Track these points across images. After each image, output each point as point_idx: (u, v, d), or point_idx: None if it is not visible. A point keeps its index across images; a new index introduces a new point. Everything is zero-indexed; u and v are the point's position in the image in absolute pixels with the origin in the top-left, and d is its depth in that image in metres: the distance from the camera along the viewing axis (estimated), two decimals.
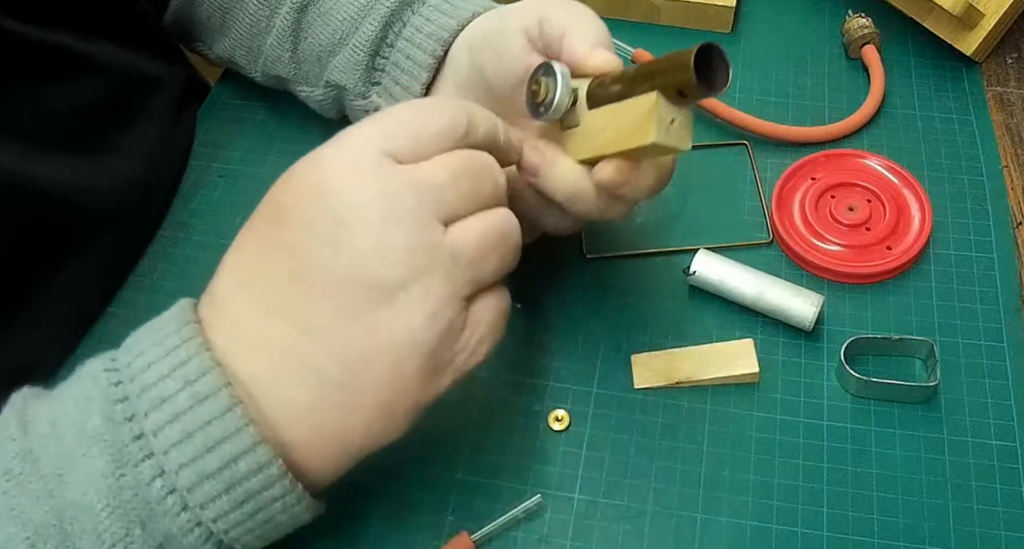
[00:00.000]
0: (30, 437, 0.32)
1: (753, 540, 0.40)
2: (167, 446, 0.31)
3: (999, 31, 0.57)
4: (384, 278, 0.32)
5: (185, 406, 0.31)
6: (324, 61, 0.51)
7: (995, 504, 0.41)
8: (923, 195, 0.51)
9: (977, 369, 0.45)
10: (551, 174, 0.39)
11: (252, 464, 0.31)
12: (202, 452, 0.31)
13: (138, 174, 0.52)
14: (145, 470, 0.31)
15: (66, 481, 0.31)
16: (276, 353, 0.33)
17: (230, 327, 0.34)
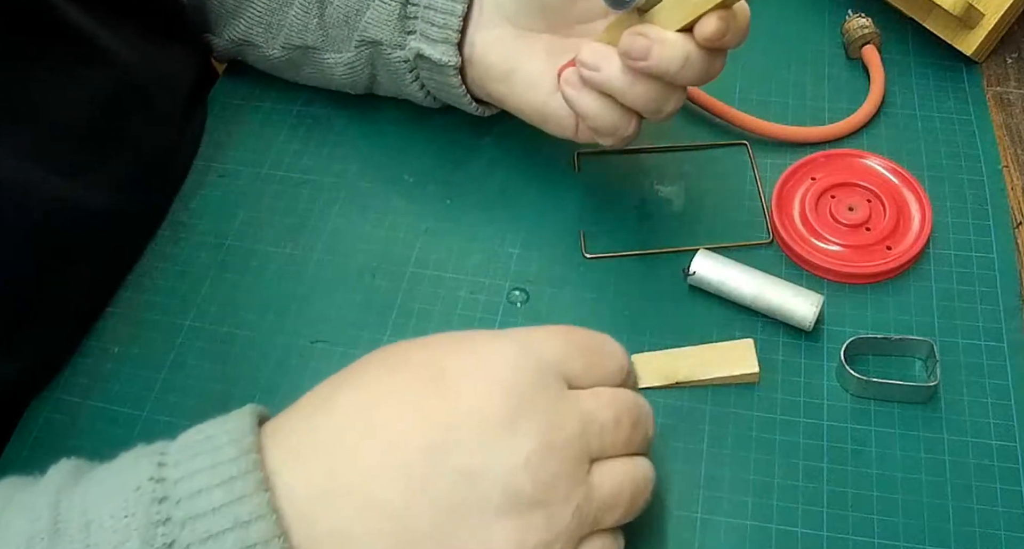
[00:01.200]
0: (61, 540, 0.30)
1: (753, 540, 0.40)
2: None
3: (999, 31, 0.57)
4: (524, 493, 0.31)
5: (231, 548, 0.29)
6: (352, 21, 0.51)
7: (995, 504, 0.41)
8: (923, 195, 0.51)
9: (977, 369, 0.45)
10: (662, 51, 0.40)
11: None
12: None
13: (146, 166, 0.52)
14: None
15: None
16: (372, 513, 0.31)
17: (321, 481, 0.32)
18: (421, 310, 0.49)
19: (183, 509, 0.30)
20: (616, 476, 0.33)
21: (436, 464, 0.31)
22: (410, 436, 0.32)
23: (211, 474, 0.30)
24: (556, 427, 0.32)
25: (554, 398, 0.33)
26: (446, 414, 0.32)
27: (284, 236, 0.53)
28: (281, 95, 0.59)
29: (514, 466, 0.31)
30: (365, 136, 0.57)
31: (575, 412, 0.33)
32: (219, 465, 0.31)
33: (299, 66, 0.56)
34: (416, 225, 0.52)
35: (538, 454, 0.31)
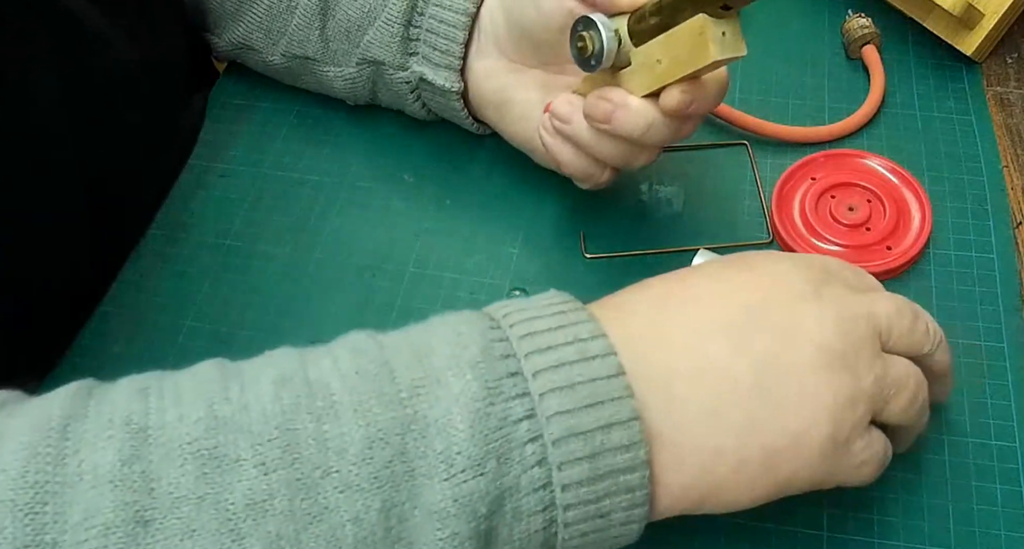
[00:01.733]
0: (386, 352, 0.31)
1: (753, 540, 0.40)
2: (544, 389, 0.30)
3: (999, 31, 0.57)
4: (835, 349, 0.33)
5: (571, 357, 0.30)
6: (354, 37, 0.51)
7: (995, 504, 0.41)
8: (923, 195, 0.51)
9: (977, 369, 0.45)
10: (624, 116, 0.41)
11: (624, 438, 0.30)
12: (580, 406, 0.29)
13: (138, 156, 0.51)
14: (515, 407, 0.29)
15: (423, 396, 0.29)
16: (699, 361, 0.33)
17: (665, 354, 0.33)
18: (421, 310, 0.49)
19: (519, 329, 0.31)
20: (902, 364, 0.35)
21: (756, 320, 0.33)
22: (730, 299, 0.34)
23: (539, 309, 0.32)
24: (853, 303, 0.34)
25: (845, 289, 0.35)
26: (759, 284, 0.35)
27: (284, 236, 0.53)
28: (281, 95, 0.59)
29: (824, 324, 0.33)
30: (365, 136, 0.57)
31: (865, 300, 0.35)
32: (547, 307, 0.32)
33: (298, 75, 0.56)
34: (416, 225, 0.52)
35: (844, 321, 0.34)
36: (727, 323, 0.33)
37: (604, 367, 0.30)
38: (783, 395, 0.32)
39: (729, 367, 0.32)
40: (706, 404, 0.32)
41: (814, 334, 0.33)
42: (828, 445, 0.32)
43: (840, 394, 0.32)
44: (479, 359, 0.30)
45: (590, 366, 0.30)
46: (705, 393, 0.32)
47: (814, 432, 0.32)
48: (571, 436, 0.29)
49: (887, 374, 0.34)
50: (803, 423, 0.32)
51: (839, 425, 0.32)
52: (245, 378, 0.30)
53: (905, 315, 0.36)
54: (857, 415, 0.33)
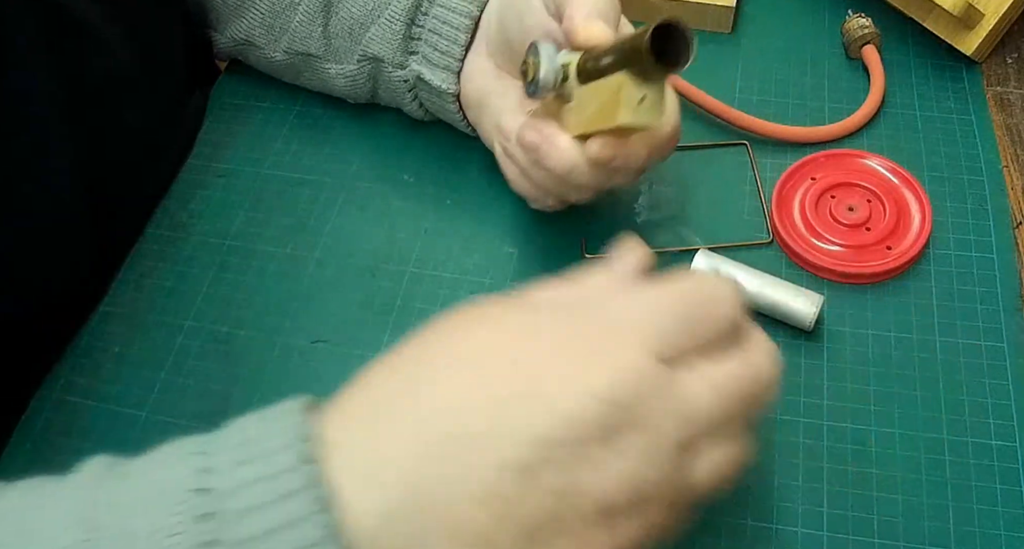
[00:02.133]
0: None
1: (753, 540, 0.40)
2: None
3: (999, 31, 0.57)
4: (619, 507, 0.28)
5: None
6: (357, 35, 0.51)
7: (995, 504, 0.41)
8: (923, 195, 0.51)
9: (977, 369, 0.45)
10: (549, 151, 0.40)
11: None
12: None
13: (137, 159, 0.51)
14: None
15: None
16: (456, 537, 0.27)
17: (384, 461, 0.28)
18: (421, 310, 0.49)
19: (234, 532, 0.26)
20: (716, 467, 0.30)
21: (526, 486, 0.27)
22: (497, 454, 0.27)
23: (266, 489, 0.27)
24: (657, 434, 0.28)
25: (656, 399, 0.29)
26: (539, 428, 0.28)
27: (284, 236, 0.53)
28: (281, 95, 0.59)
29: (611, 482, 0.28)
30: (365, 136, 0.57)
31: (678, 412, 0.29)
32: (276, 477, 0.27)
33: (300, 72, 0.56)
34: (416, 225, 0.52)
35: (638, 471, 0.28)
36: (492, 489, 0.27)
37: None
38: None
39: (493, 539, 0.27)
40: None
41: (596, 497, 0.28)
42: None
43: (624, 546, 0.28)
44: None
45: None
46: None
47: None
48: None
49: (688, 491, 0.30)
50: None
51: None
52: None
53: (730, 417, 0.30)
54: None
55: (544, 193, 0.45)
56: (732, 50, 0.61)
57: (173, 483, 0.27)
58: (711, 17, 0.62)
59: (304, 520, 0.26)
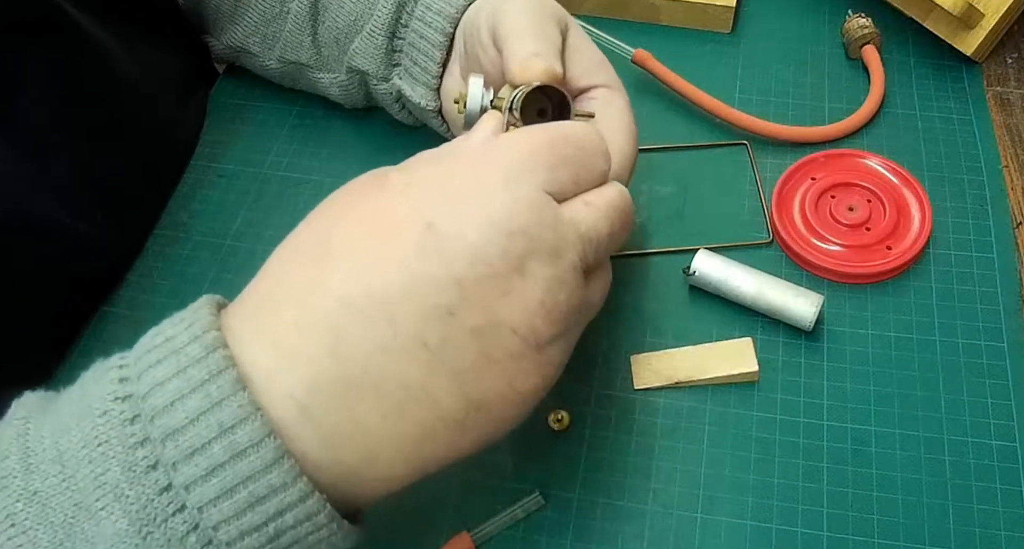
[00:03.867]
0: (34, 475, 0.28)
1: (753, 540, 0.40)
2: (202, 502, 0.27)
3: (999, 31, 0.57)
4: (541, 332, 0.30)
5: (222, 458, 0.27)
6: (343, 44, 0.51)
7: (995, 504, 0.41)
8: (923, 195, 0.51)
9: (977, 369, 0.45)
10: None
11: (300, 515, 0.28)
12: (244, 507, 0.27)
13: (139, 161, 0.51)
14: (177, 525, 0.27)
15: (82, 536, 0.27)
16: (380, 391, 0.28)
17: (293, 352, 0.29)
18: None
19: (159, 425, 0.27)
20: (604, 285, 0.34)
21: (450, 329, 0.28)
22: (418, 305, 0.28)
23: (180, 380, 0.28)
24: (560, 257, 0.30)
25: (551, 226, 0.30)
26: (452, 269, 0.28)
27: (284, 236, 0.52)
28: (281, 95, 0.59)
29: (530, 311, 0.29)
30: (365, 137, 0.57)
31: (574, 237, 0.31)
32: (186, 369, 0.28)
33: (296, 79, 0.57)
34: None
35: (549, 295, 0.30)
36: (415, 342, 0.28)
37: (260, 460, 0.27)
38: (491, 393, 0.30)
39: (428, 391, 0.29)
40: (409, 436, 0.29)
41: (519, 328, 0.29)
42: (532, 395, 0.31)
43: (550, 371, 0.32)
44: (123, 484, 0.27)
45: (243, 462, 0.27)
46: (406, 428, 0.29)
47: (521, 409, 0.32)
48: (245, 534, 0.28)
49: (590, 303, 0.33)
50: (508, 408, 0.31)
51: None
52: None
53: (617, 234, 0.33)
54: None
55: None
56: (732, 50, 0.61)
57: (96, 397, 0.28)
58: (711, 17, 0.62)
59: (223, 402, 0.27)
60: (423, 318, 0.28)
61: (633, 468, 0.42)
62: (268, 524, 0.28)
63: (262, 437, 0.27)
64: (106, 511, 0.27)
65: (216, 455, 0.27)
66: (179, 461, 0.27)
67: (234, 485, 0.27)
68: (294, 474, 0.28)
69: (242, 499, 0.27)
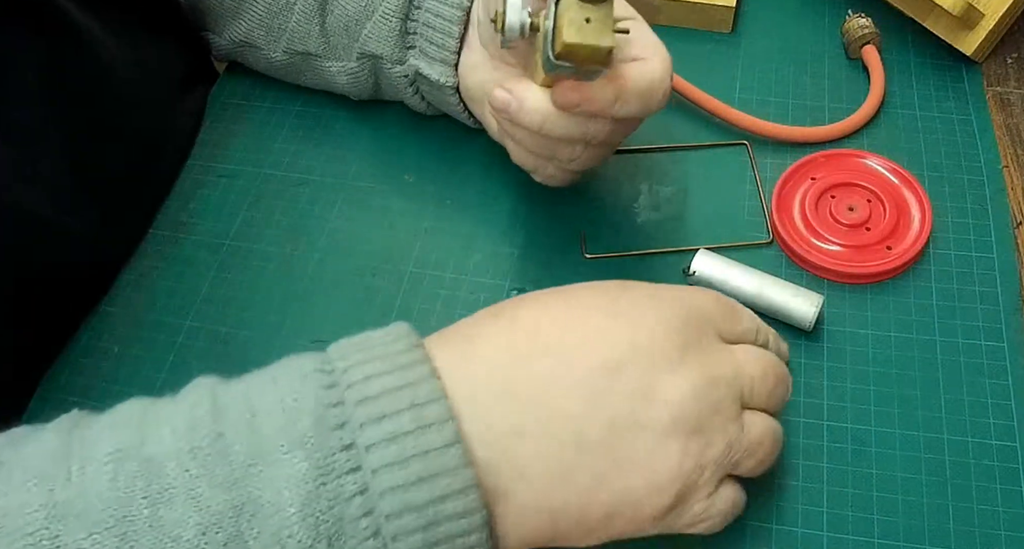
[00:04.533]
0: (223, 421, 0.30)
1: (753, 540, 0.40)
2: (378, 465, 0.29)
3: (999, 31, 0.57)
4: (690, 419, 0.33)
5: (408, 428, 0.29)
6: (353, 31, 0.51)
7: (995, 504, 0.41)
8: (923, 195, 0.51)
9: (977, 369, 0.45)
10: (519, 107, 0.41)
11: (460, 507, 0.29)
12: (414, 480, 0.29)
13: (135, 159, 0.51)
14: (348, 484, 0.29)
15: (258, 475, 0.29)
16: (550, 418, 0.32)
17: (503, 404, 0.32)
18: (421, 310, 0.49)
19: (355, 392, 0.30)
20: (761, 424, 0.35)
21: (613, 382, 0.32)
22: (588, 354, 0.33)
23: (381, 364, 0.31)
24: (717, 365, 0.34)
25: (712, 343, 0.35)
26: (621, 339, 0.33)
27: (284, 236, 0.53)
28: (281, 95, 0.59)
29: (683, 393, 0.33)
30: (365, 136, 0.57)
31: (730, 358, 0.35)
32: (388, 356, 0.31)
33: (301, 71, 0.56)
34: (416, 225, 0.52)
35: (703, 386, 0.33)
36: (581, 382, 0.32)
37: (440, 437, 0.30)
38: (630, 458, 0.32)
39: (580, 429, 0.32)
40: (552, 465, 0.32)
41: (671, 399, 0.33)
42: (665, 511, 0.33)
43: (687, 461, 0.33)
44: (311, 434, 0.29)
45: (425, 436, 0.29)
46: (552, 453, 0.32)
47: (655, 499, 0.32)
48: (405, 511, 0.29)
49: (742, 438, 0.34)
50: (645, 489, 0.32)
51: (681, 492, 0.33)
52: (85, 452, 0.30)
53: (768, 376, 0.36)
54: (703, 479, 0.33)
55: (540, 159, 0.45)
56: (732, 50, 0.61)
57: (296, 369, 0.32)
58: (711, 17, 0.62)
59: (418, 382, 0.30)
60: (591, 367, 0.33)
61: None
62: (429, 507, 0.29)
63: (447, 418, 0.30)
64: (289, 455, 0.29)
65: (403, 424, 0.29)
66: (367, 423, 0.29)
67: (411, 456, 0.29)
68: (465, 460, 0.30)
69: (414, 471, 0.29)
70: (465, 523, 0.30)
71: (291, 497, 0.28)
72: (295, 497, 0.28)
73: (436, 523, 0.29)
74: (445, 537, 0.30)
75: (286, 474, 0.29)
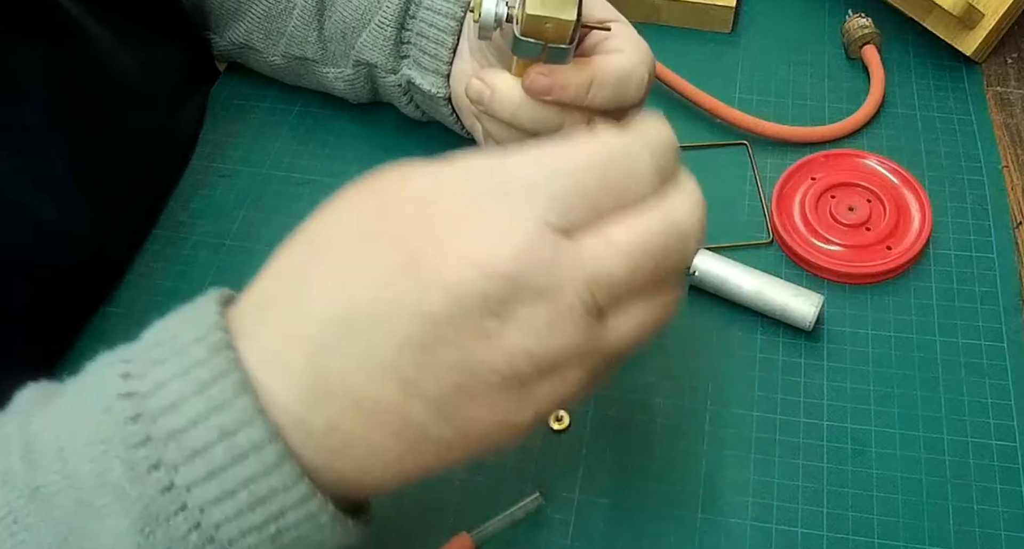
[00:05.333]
0: (37, 472, 0.28)
1: (753, 540, 0.40)
2: (203, 502, 0.27)
3: (999, 31, 0.57)
4: (527, 373, 0.28)
5: (223, 462, 0.27)
6: (350, 39, 0.51)
7: (995, 504, 0.41)
8: (923, 195, 0.51)
9: (977, 369, 0.45)
10: (492, 96, 0.41)
11: (302, 514, 0.28)
12: (244, 509, 0.27)
13: (137, 159, 0.51)
14: (178, 524, 0.27)
15: (84, 533, 0.27)
16: (371, 410, 0.28)
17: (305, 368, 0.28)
18: None
19: (161, 426, 0.27)
20: (637, 325, 0.29)
21: (424, 363, 0.27)
22: (391, 332, 0.27)
23: (184, 382, 0.27)
24: (556, 303, 0.27)
25: (546, 267, 0.27)
26: (425, 304, 0.27)
27: (284, 236, 0.52)
28: (281, 95, 0.59)
29: (512, 354, 0.27)
30: (365, 136, 0.57)
31: (579, 279, 0.27)
32: (191, 370, 0.28)
33: (300, 75, 0.56)
34: None
35: (537, 340, 0.27)
36: (392, 367, 0.27)
37: (261, 464, 0.27)
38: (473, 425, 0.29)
39: (405, 413, 0.28)
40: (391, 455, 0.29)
41: (500, 366, 0.27)
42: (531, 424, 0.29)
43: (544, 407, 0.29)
44: (125, 483, 0.27)
45: (244, 466, 0.27)
46: (385, 446, 0.29)
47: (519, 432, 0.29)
48: (247, 533, 0.28)
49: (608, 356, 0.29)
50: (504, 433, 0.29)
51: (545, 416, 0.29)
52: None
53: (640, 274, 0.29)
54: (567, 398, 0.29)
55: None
56: (732, 50, 0.61)
57: (99, 394, 0.28)
58: (711, 17, 0.62)
59: (225, 405, 0.27)
60: (396, 346, 0.27)
61: (633, 468, 0.42)
62: (270, 524, 0.28)
63: (263, 441, 0.27)
64: (108, 510, 0.27)
65: (217, 458, 0.27)
66: (180, 463, 0.27)
67: (235, 487, 0.27)
68: (295, 477, 0.28)
69: (243, 500, 0.27)
70: (312, 525, 0.28)
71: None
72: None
73: (282, 532, 0.28)
74: (296, 538, 0.29)
75: (111, 532, 0.27)
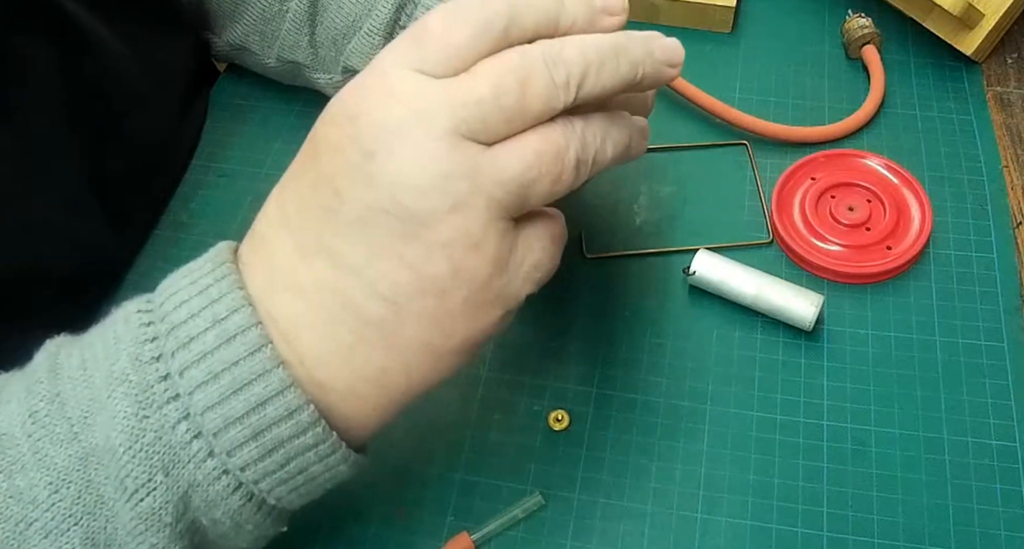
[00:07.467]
0: (59, 380, 0.31)
1: (753, 540, 0.40)
2: (192, 387, 0.29)
3: (999, 31, 0.57)
4: (419, 209, 0.28)
5: (212, 345, 0.29)
6: (340, 45, 0.51)
7: (995, 504, 0.41)
8: (923, 195, 0.51)
9: (977, 369, 0.45)
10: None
11: (281, 409, 0.30)
12: (227, 394, 0.29)
13: (138, 160, 0.51)
14: (170, 412, 0.29)
15: (91, 424, 0.30)
16: (312, 292, 0.30)
17: (268, 267, 0.31)
18: None
19: (167, 322, 0.30)
20: (522, 149, 0.30)
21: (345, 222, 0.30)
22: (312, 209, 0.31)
23: (190, 288, 0.31)
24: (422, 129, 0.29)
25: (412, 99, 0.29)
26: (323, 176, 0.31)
27: None
28: (281, 95, 0.59)
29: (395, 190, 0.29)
30: None
31: (437, 103, 0.29)
32: (197, 280, 0.31)
33: (295, 77, 0.57)
34: None
35: (412, 165, 0.29)
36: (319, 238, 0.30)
37: (244, 346, 0.29)
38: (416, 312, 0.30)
39: (336, 287, 0.30)
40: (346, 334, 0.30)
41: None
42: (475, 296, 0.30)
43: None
44: (128, 372, 0.30)
45: (231, 348, 0.29)
46: (336, 334, 0.30)
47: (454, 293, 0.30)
48: (228, 425, 0.30)
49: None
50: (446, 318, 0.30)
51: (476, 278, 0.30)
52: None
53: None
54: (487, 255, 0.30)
55: None
56: (732, 50, 0.61)
57: (121, 317, 0.32)
58: (711, 17, 0.62)
59: (221, 298, 0.30)
60: (314, 221, 0.30)
61: (633, 468, 0.42)
62: (252, 415, 0.29)
63: (249, 325, 0.30)
64: (112, 398, 0.30)
65: (208, 341, 0.30)
66: (177, 350, 0.30)
67: (220, 370, 0.29)
68: (276, 362, 0.30)
69: (226, 384, 0.29)
70: (293, 424, 0.30)
71: (118, 437, 0.29)
72: (122, 436, 0.29)
73: (263, 430, 0.30)
74: (277, 443, 0.30)
75: (111, 417, 0.29)
